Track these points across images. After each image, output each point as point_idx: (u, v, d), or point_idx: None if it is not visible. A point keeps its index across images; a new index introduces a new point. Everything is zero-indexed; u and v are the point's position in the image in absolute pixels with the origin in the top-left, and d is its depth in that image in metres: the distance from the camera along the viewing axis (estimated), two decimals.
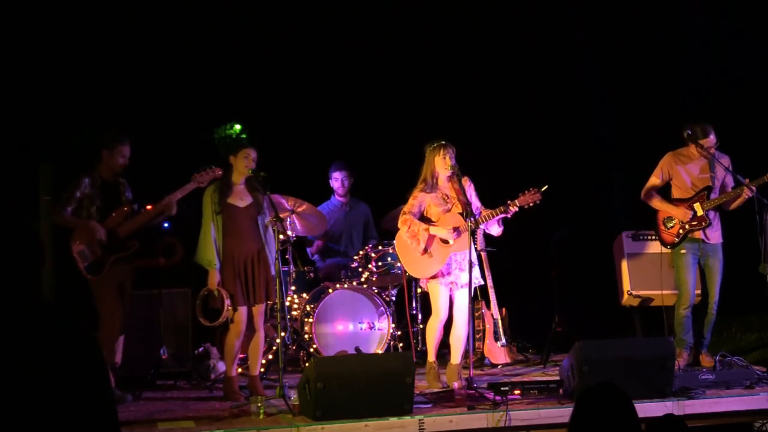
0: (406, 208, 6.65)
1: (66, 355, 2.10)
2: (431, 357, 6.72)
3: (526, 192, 6.48)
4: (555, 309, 7.95)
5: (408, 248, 6.66)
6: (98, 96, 8.39)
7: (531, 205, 6.49)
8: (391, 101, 9.61)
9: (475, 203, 6.67)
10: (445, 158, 6.56)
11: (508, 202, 6.49)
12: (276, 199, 7.10)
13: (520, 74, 10.03)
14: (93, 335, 2.19)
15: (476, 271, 6.61)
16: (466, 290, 6.52)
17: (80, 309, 6.47)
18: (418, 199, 6.62)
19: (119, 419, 2.18)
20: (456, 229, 6.52)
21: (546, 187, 6.48)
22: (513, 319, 7.99)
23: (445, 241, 6.59)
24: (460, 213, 6.56)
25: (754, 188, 6.95)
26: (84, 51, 8.48)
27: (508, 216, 6.56)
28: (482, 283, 6.74)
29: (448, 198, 6.61)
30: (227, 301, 6.31)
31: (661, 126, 8.40)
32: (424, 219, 6.65)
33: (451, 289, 6.62)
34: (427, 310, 7.68)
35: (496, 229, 6.63)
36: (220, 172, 6.51)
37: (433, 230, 6.56)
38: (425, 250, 6.58)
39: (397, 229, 6.78)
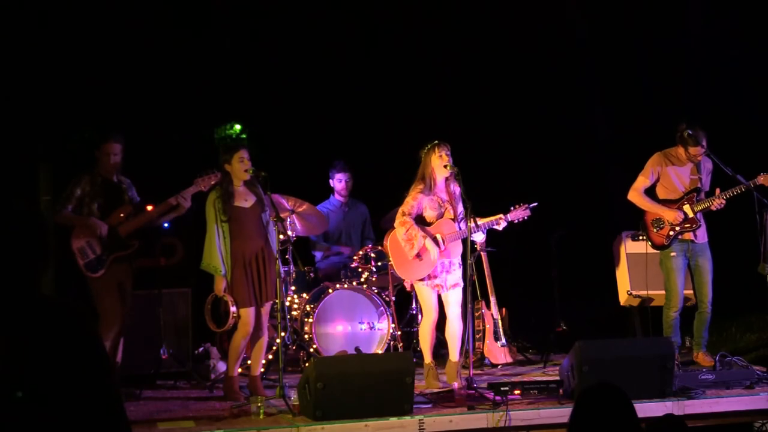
0: (404, 208, 6.66)
1: (68, 349, 2.10)
2: (428, 358, 6.73)
3: (517, 207, 6.62)
4: (555, 309, 7.95)
5: (400, 249, 6.70)
6: (98, 96, 8.39)
7: (520, 220, 6.63)
8: (390, 101, 9.61)
9: (459, 207, 6.72)
10: (441, 156, 6.59)
11: (500, 215, 6.59)
12: (276, 199, 7.10)
13: (520, 74, 10.03)
14: (96, 330, 2.19)
15: (459, 272, 6.66)
16: (455, 290, 6.64)
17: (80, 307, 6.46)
18: (417, 200, 6.65)
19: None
20: (444, 241, 6.57)
21: (535, 204, 6.62)
22: (513, 319, 8.00)
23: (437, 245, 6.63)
24: (452, 219, 6.62)
25: (723, 202, 6.98)
26: (84, 51, 8.47)
27: (499, 228, 6.62)
28: (463, 284, 6.73)
29: (442, 203, 6.66)
30: (233, 308, 6.32)
31: (661, 126, 8.39)
32: (420, 220, 6.69)
33: (437, 291, 6.67)
34: None
35: (479, 236, 6.67)
36: (221, 178, 6.52)
37: (428, 243, 6.57)
38: (417, 256, 6.63)
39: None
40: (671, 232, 7.14)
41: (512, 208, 6.63)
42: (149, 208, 6.64)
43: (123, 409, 2.17)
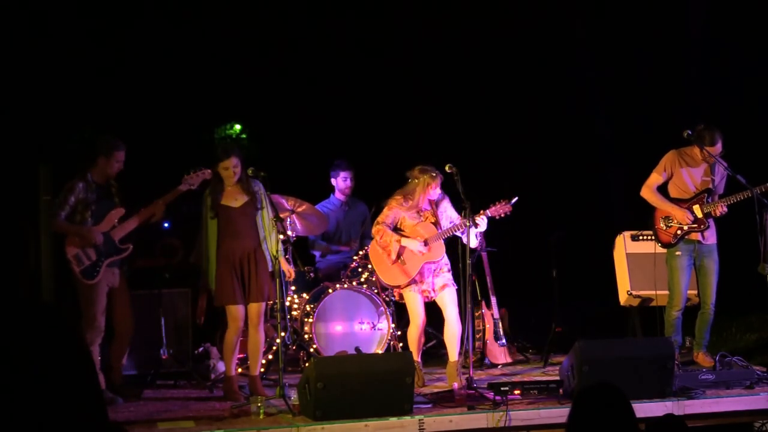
0: (380, 218, 6.84)
1: (54, 353, 2.09)
2: (415, 357, 6.75)
3: (497, 203, 6.64)
4: (555, 309, 7.95)
5: (381, 258, 6.85)
6: (98, 96, 8.40)
7: (502, 216, 6.66)
8: (390, 101, 9.61)
9: (451, 215, 6.79)
10: (436, 189, 6.73)
11: (481, 211, 6.63)
12: (276, 199, 7.11)
13: (521, 74, 10.04)
14: (81, 334, 2.18)
15: (448, 275, 6.76)
16: (448, 290, 6.72)
17: (79, 311, 6.47)
18: (393, 211, 6.80)
19: (116, 420, 2.18)
20: (425, 242, 6.69)
21: (516, 199, 6.64)
22: (513, 319, 8.00)
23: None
24: (433, 223, 6.76)
25: (725, 209, 6.96)
26: (85, 51, 8.48)
27: (480, 227, 6.61)
28: (456, 287, 6.80)
29: (422, 212, 6.80)
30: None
31: (661, 125, 8.39)
32: (397, 230, 6.82)
33: (427, 296, 6.78)
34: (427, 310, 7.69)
35: (473, 242, 6.67)
36: (210, 174, 6.54)
37: (404, 242, 6.73)
38: (396, 259, 6.77)
39: None
40: (679, 231, 7.12)
41: (491, 205, 6.66)
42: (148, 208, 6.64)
43: (105, 410, 2.16)
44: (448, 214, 6.81)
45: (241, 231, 6.47)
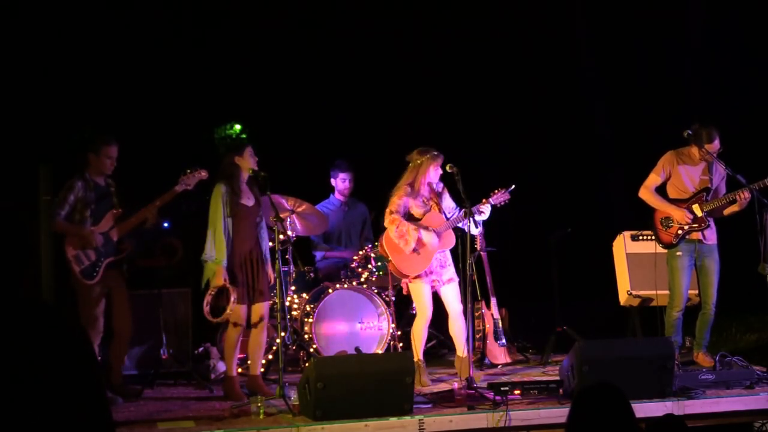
0: (392, 207, 6.80)
1: (58, 354, 2.09)
2: (417, 356, 6.74)
3: (496, 191, 6.79)
4: (555, 309, 7.95)
5: (396, 247, 6.79)
6: (98, 96, 8.39)
7: (502, 203, 6.80)
8: (390, 100, 9.61)
9: (449, 204, 6.90)
10: (437, 169, 6.77)
11: (483, 200, 6.74)
12: (276, 199, 7.11)
13: (521, 74, 10.04)
14: (86, 334, 2.18)
15: (452, 268, 6.85)
16: (453, 284, 6.81)
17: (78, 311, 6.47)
18: (403, 200, 6.80)
19: (116, 420, 2.18)
20: (437, 234, 6.74)
21: (513, 186, 6.79)
22: (513, 319, 8.00)
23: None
24: (438, 211, 6.83)
25: (747, 195, 6.89)
26: (85, 51, 8.48)
27: (485, 216, 6.74)
28: (457, 278, 6.85)
29: (427, 201, 6.84)
30: (233, 297, 6.31)
31: (661, 126, 8.38)
32: (409, 218, 6.80)
33: (433, 285, 6.80)
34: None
35: (474, 229, 6.74)
36: (206, 175, 6.56)
37: (423, 233, 6.74)
38: (414, 250, 6.73)
39: None
40: (679, 231, 7.12)
41: (492, 193, 6.79)
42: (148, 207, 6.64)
43: (109, 410, 2.16)
44: (447, 204, 6.90)
45: (249, 231, 6.51)
